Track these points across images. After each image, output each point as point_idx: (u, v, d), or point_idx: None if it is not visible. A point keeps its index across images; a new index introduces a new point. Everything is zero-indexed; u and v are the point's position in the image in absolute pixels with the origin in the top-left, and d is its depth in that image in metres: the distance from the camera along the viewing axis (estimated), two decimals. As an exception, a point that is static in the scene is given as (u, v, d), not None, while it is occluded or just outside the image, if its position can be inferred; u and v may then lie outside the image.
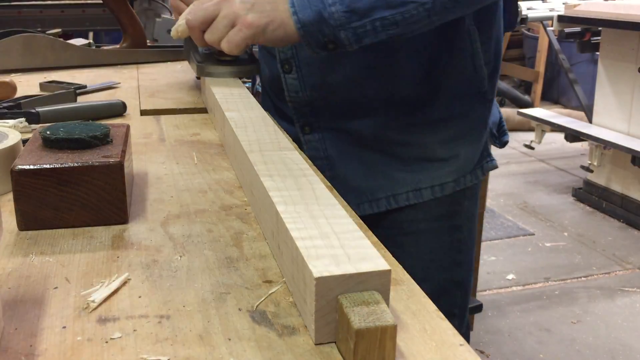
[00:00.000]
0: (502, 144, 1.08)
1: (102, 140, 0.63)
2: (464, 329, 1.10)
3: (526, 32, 5.45)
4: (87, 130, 0.63)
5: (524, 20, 3.08)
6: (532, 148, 3.52)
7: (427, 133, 0.97)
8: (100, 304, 0.47)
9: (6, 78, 1.09)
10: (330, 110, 0.97)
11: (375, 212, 0.99)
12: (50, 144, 0.62)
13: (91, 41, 1.50)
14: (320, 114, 0.98)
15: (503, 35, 1.03)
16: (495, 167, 1.05)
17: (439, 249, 1.02)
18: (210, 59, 1.00)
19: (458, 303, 1.06)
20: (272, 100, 1.10)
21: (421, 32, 0.85)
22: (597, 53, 3.22)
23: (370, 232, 0.60)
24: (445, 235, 1.02)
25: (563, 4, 3.17)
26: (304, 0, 0.80)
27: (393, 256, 0.87)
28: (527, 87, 5.38)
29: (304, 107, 0.97)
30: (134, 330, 0.44)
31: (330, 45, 0.82)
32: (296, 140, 0.98)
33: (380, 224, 1.00)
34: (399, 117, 0.96)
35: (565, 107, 5.03)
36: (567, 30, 3.16)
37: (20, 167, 0.57)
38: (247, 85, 1.05)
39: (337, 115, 0.97)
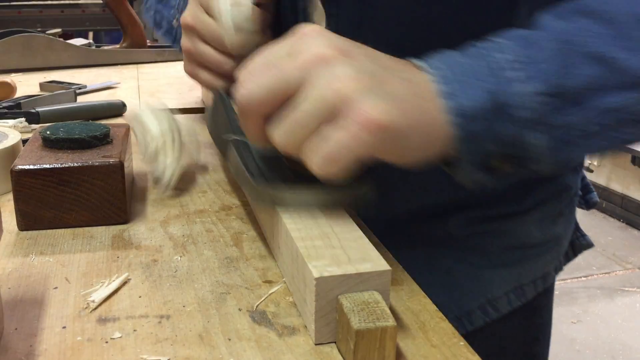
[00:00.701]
0: (590, 205, 0.80)
1: (102, 140, 0.63)
2: None
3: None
4: (87, 130, 0.63)
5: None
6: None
7: (519, 218, 0.72)
8: (100, 304, 0.47)
9: (6, 78, 1.09)
10: (382, 220, 0.66)
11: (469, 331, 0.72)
12: (50, 144, 0.62)
13: (91, 41, 1.50)
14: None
15: None
16: (591, 245, 0.80)
17: (513, 343, 0.78)
18: (277, 170, 0.54)
19: None
20: None
21: None
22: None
23: (370, 232, 0.60)
24: (522, 328, 0.78)
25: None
26: (462, 72, 0.45)
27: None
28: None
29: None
30: (134, 330, 0.44)
31: (499, 162, 0.47)
32: None
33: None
34: (483, 212, 0.71)
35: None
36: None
37: (20, 167, 0.57)
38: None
39: (390, 224, 0.70)
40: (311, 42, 0.44)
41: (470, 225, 0.70)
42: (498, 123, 0.44)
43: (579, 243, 0.78)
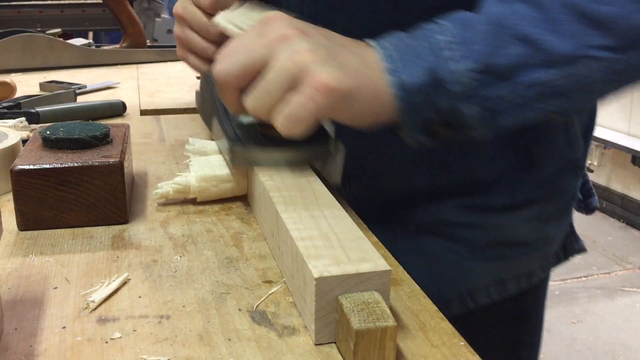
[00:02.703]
0: (590, 209, 0.80)
1: (102, 140, 0.63)
2: None
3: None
4: (87, 130, 0.63)
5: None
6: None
7: (509, 214, 0.73)
8: (100, 304, 0.47)
9: (6, 78, 1.09)
10: (381, 199, 0.75)
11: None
12: (50, 144, 0.62)
13: (91, 41, 1.50)
14: (365, 205, 0.70)
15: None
16: (583, 250, 0.80)
17: (499, 342, 0.80)
18: (251, 134, 0.63)
19: None
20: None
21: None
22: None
23: (370, 232, 0.60)
24: (508, 328, 0.80)
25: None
26: (405, 48, 0.52)
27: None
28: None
29: (352, 204, 0.69)
30: (134, 331, 0.44)
31: (440, 128, 0.54)
32: None
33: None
34: (473, 201, 0.72)
35: (565, 107, 5.02)
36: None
37: (20, 167, 0.57)
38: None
39: (384, 207, 0.75)
40: (275, 24, 0.52)
41: (460, 214, 0.72)
42: (435, 96, 0.51)
43: (571, 247, 0.80)
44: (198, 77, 1.28)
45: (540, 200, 0.73)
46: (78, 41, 1.47)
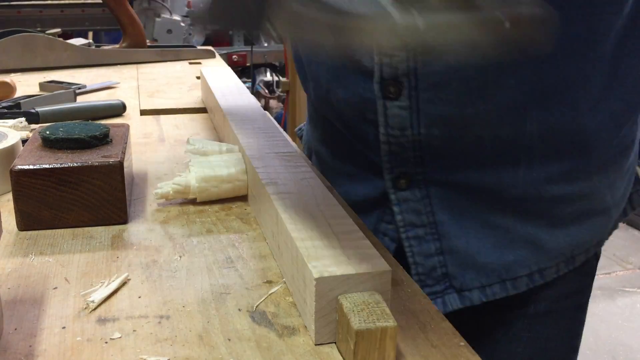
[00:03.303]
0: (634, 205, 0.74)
1: (102, 140, 0.63)
2: None
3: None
4: (87, 130, 0.63)
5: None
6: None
7: (598, 177, 0.66)
8: (99, 304, 0.47)
9: (6, 78, 1.09)
10: (451, 156, 0.64)
11: (508, 295, 0.68)
12: (50, 143, 0.62)
13: (91, 41, 1.50)
14: (431, 162, 0.64)
15: None
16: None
17: (557, 336, 0.73)
18: None
19: None
20: (338, 132, 0.73)
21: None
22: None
23: (370, 232, 0.60)
24: (568, 319, 0.74)
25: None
26: None
27: (492, 337, 0.69)
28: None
29: (407, 150, 0.63)
30: (134, 331, 0.44)
31: None
32: (377, 199, 0.68)
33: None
34: (562, 163, 0.64)
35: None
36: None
37: (19, 167, 0.57)
38: (247, 85, 1.04)
39: (458, 164, 0.64)
40: None
41: (545, 183, 0.64)
42: None
43: (637, 196, 0.73)
44: (198, 77, 1.28)
45: (620, 157, 0.67)
46: (78, 41, 1.47)
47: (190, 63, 1.47)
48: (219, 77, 1.01)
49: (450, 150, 0.64)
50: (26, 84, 1.21)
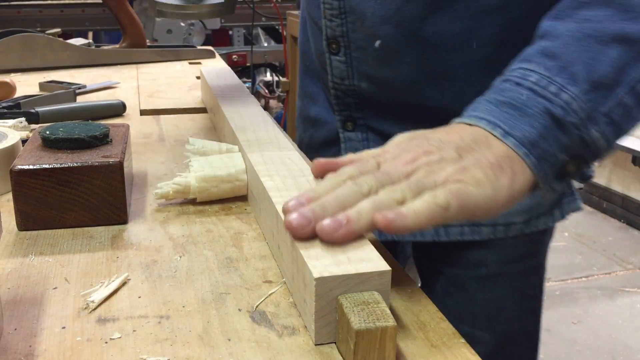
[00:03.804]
0: (585, 178, 0.81)
1: (102, 140, 0.63)
2: None
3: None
4: (87, 130, 0.63)
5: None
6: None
7: None
8: (99, 304, 0.47)
9: (6, 78, 1.09)
10: (382, 108, 0.77)
11: (420, 241, 0.80)
12: (50, 144, 0.62)
13: (91, 41, 1.50)
14: (368, 110, 0.78)
15: None
16: (579, 208, 0.82)
17: (510, 296, 0.82)
18: None
19: (525, 355, 0.86)
20: (318, 80, 0.88)
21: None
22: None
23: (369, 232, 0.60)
24: (519, 281, 0.82)
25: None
26: (501, 107, 0.51)
27: (450, 298, 0.78)
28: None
29: (348, 97, 0.78)
30: (134, 331, 0.44)
31: (571, 165, 0.52)
32: (334, 138, 0.82)
33: (447, 260, 0.81)
34: None
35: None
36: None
37: (19, 167, 0.57)
38: (247, 85, 1.04)
39: (388, 116, 0.77)
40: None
41: None
42: (557, 134, 0.50)
43: (568, 206, 0.81)
44: (198, 77, 1.28)
45: None
46: (78, 41, 1.47)
47: (190, 63, 1.47)
48: (219, 77, 1.01)
49: (379, 103, 0.77)
50: (26, 84, 1.21)
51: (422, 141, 0.51)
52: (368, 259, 0.43)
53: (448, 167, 0.48)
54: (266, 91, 3.78)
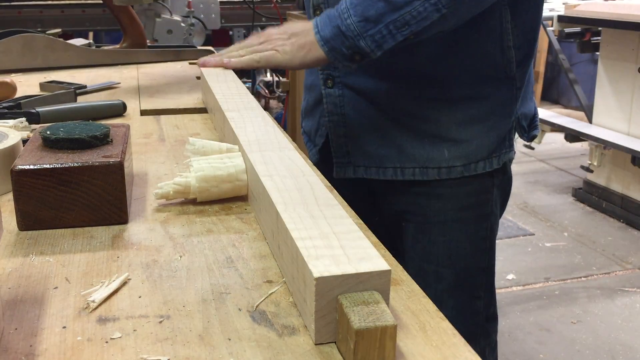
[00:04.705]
0: (530, 137, 1.04)
1: (102, 140, 0.63)
2: (492, 309, 1.09)
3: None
4: (87, 130, 0.63)
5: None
6: (532, 148, 3.52)
7: (444, 111, 0.96)
8: (100, 304, 0.47)
9: (6, 78, 1.09)
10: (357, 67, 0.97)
11: (382, 179, 1.01)
12: (50, 144, 0.62)
13: (91, 41, 1.50)
14: (342, 70, 1.00)
15: (540, 24, 1.01)
16: (511, 158, 1.02)
17: (465, 238, 1.01)
18: None
19: (483, 286, 1.06)
20: None
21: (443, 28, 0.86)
22: (597, 53, 3.22)
23: (370, 232, 0.60)
24: (473, 225, 1.01)
25: (563, 4, 3.18)
26: (325, 19, 0.87)
27: (418, 243, 0.97)
28: (527, 87, 5.37)
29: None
30: (134, 330, 0.44)
31: (357, 56, 0.86)
32: (320, 98, 1.03)
33: (414, 211, 1.01)
34: (418, 89, 0.96)
35: (565, 107, 5.03)
36: (567, 30, 3.16)
37: (20, 167, 0.57)
38: (247, 85, 1.06)
39: (361, 73, 0.98)
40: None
41: (408, 100, 0.98)
42: (342, 40, 0.86)
43: (504, 155, 1.00)
44: (198, 77, 1.28)
45: (470, 99, 0.96)
46: (78, 41, 1.47)
47: (190, 63, 1.47)
48: (219, 77, 1.01)
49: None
50: (27, 84, 1.21)
51: (277, 30, 0.95)
52: (368, 259, 0.43)
53: (277, 42, 0.93)
54: (266, 91, 3.78)
